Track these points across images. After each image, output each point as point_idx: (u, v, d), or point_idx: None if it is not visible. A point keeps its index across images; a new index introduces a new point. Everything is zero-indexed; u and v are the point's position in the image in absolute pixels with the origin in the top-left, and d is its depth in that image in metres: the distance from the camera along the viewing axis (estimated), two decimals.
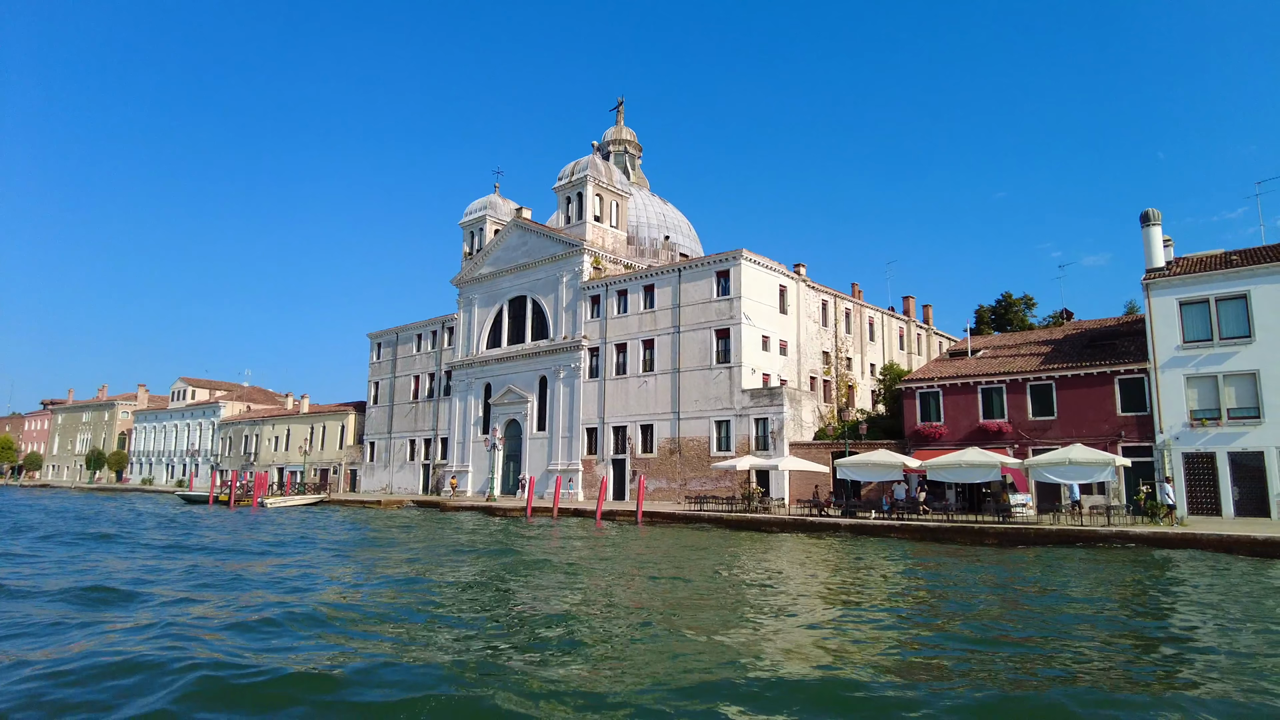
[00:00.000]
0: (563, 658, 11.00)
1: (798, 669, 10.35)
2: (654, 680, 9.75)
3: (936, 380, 37.95)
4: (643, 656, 11.11)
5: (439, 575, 19.47)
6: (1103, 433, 33.49)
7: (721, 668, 10.32)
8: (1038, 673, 10.29)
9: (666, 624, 13.33)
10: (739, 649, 11.45)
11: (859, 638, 12.51)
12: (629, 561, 22.93)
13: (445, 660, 10.61)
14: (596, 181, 55.21)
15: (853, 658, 11.07)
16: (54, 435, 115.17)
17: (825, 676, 9.97)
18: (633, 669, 10.36)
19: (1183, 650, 11.74)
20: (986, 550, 25.08)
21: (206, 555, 23.87)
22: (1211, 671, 10.47)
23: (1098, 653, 11.43)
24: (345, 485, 72.27)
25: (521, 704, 8.63)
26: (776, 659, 10.93)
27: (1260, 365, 30.54)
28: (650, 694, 9.09)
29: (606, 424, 50.79)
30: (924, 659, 11.18)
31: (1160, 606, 15.55)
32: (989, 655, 11.22)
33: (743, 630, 12.97)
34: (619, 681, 9.70)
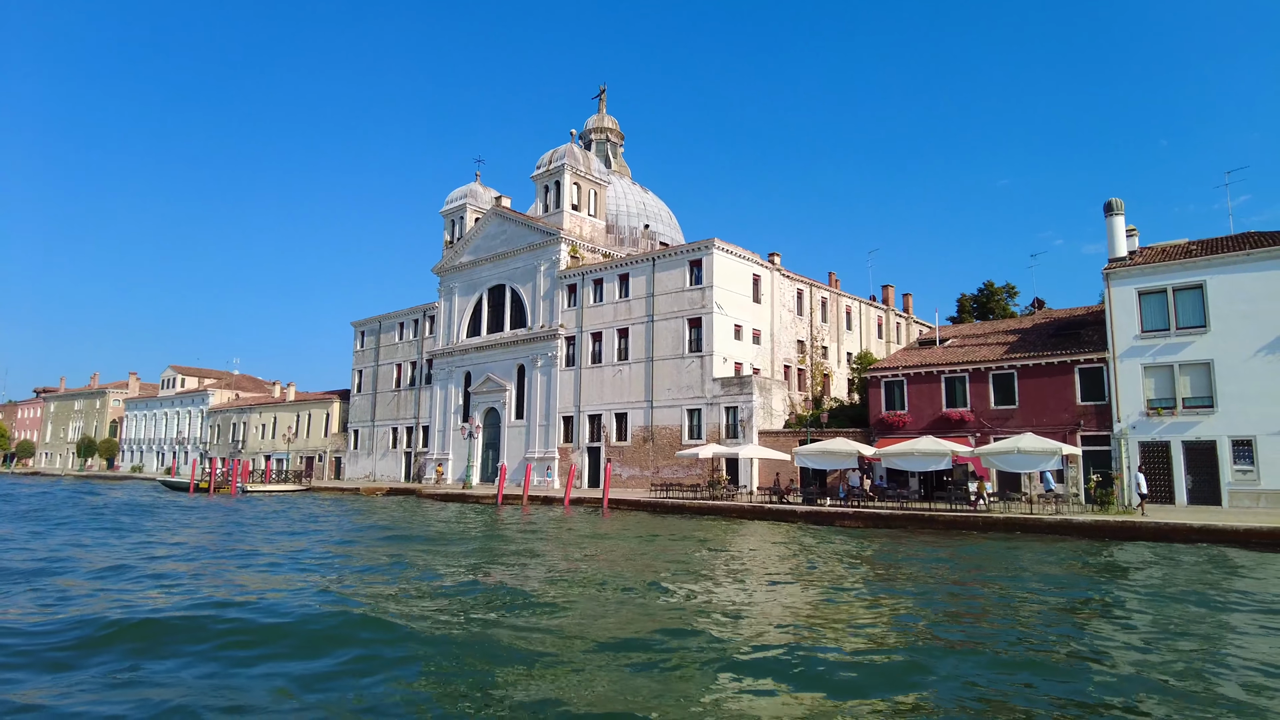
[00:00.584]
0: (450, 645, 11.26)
1: (681, 642, 10.62)
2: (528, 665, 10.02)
3: (901, 369, 38.14)
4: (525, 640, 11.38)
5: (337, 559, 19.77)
6: (1063, 422, 33.70)
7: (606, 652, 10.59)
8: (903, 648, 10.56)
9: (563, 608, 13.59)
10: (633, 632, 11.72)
11: (741, 614, 12.77)
12: (561, 544, 23.20)
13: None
14: (574, 170, 55.22)
15: (738, 632, 11.34)
16: (46, 423, 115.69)
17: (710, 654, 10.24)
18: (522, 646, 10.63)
19: (1053, 632, 12.00)
20: (933, 536, 25.32)
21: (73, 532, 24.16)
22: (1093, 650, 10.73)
23: (974, 627, 11.69)
24: (330, 473, 72.71)
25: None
26: (664, 635, 11.20)
27: (1214, 355, 30.70)
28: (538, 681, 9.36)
29: (582, 412, 51.06)
30: (805, 634, 11.44)
31: (1053, 590, 15.77)
32: (867, 629, 11.49)
33: (641, 610, 13.23)
34: (509, 656, 9.97)
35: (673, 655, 10.30)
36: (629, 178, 67.76)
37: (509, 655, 10.33)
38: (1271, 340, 29.74)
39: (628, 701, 8.39)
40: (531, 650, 10.54)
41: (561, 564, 19.55)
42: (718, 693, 8.87)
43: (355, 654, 10.30)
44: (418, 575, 17.52)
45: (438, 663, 10.00)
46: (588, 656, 10.30)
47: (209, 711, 7.91)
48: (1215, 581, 16.96)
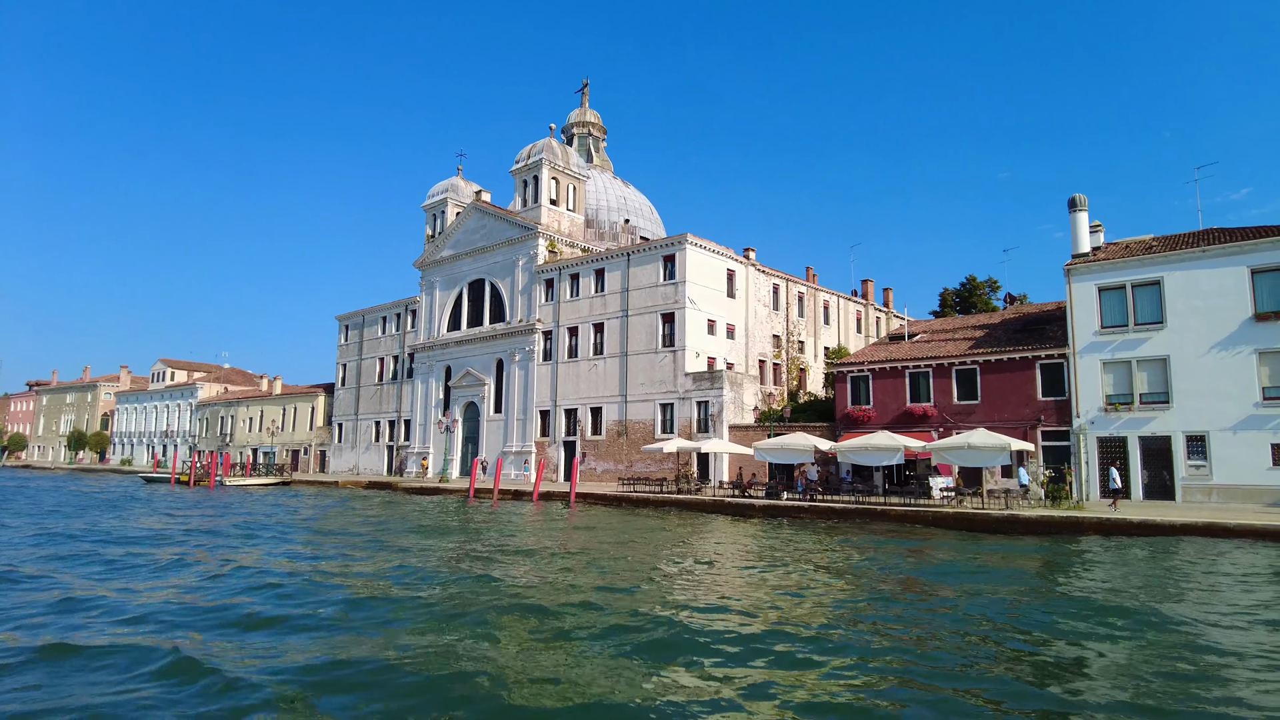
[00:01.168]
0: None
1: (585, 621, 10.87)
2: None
3: (867, 365, 38.32)
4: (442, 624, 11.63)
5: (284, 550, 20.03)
6: (1023, 417, 33.90)
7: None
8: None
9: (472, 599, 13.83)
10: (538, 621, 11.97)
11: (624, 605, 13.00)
12: (503, 534, 23.44)
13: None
14: (552, 165, 55.31)
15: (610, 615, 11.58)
16: (39, 416, 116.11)
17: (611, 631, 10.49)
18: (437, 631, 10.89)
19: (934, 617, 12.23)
20: (883, 529, 25.54)
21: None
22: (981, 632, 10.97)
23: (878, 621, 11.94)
24: (315, 466, 73.03)
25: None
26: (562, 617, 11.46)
27: (1171, 351, 30.88)
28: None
29: (559, 406, 51.30)
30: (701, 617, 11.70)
31: (975, 582, 16.00)
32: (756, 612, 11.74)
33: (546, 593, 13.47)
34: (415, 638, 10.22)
35: (567, 644, 10.55)
36: (611, 172, 67.82)
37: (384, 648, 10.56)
38: (1225, 337, 29.91)
39: (518, 692, 8.62)
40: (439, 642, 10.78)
41: (499, 557, 19.81)
42: (607, 680, 9.11)
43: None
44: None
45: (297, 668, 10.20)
46: (488, 647, 10.55)
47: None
48: (1119, 573, 17.21)
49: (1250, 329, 29.50)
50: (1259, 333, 29.32)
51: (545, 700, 8.45)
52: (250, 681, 8.92)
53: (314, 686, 8.92)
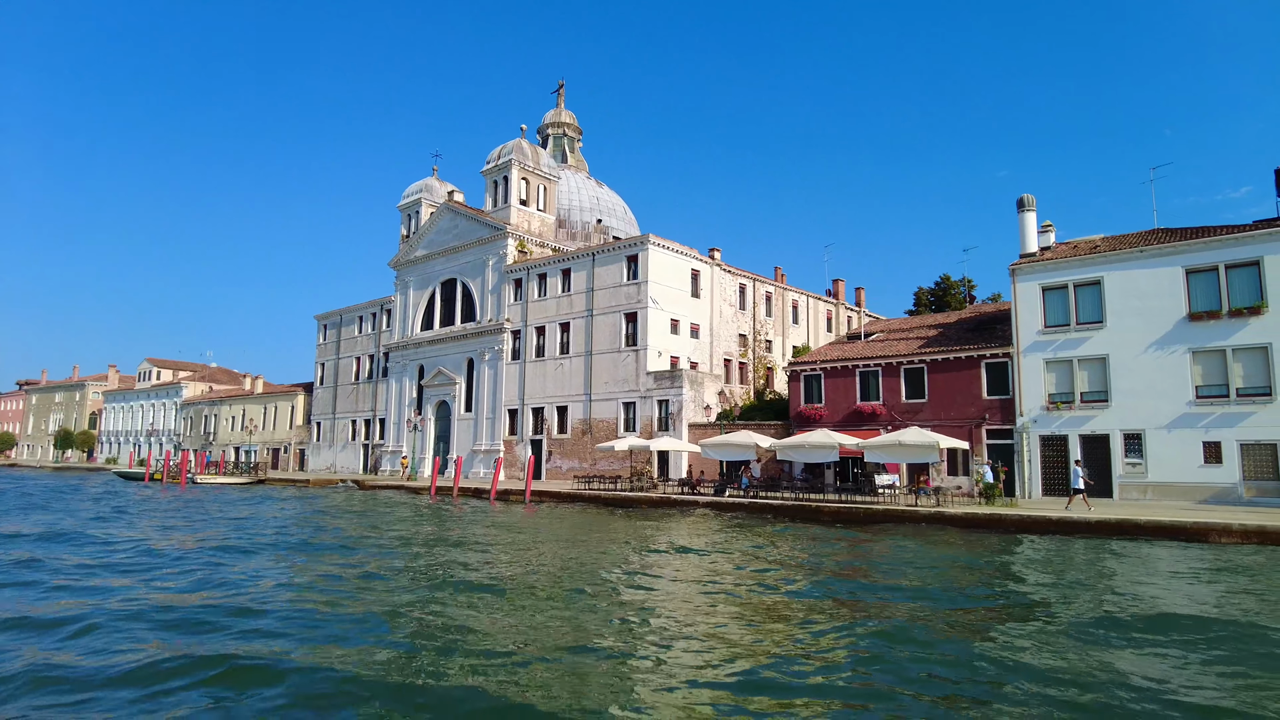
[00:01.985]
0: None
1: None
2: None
3: (819, 364, 38.66)
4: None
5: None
6: (969, 415, 34.24)
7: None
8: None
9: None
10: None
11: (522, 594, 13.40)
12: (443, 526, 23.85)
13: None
14: (522, 165, 55.68)
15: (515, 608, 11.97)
16: (29, 415, 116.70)
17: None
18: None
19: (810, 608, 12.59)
20: (817, 526, 25.88)
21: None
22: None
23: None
24: (295, 464, 73.47)
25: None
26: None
27: (1110, 350, 31.20)
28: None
29: (526, 405, 51.68)
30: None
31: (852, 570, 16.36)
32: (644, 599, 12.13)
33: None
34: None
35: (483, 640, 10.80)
36: (586, 172, 68.20)
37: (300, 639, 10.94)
38: (1160, 336, 30.23)
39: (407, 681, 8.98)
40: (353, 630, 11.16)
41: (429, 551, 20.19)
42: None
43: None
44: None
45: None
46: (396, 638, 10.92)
47: None
48: (1003, 564, 17.55)
49: (1185, 329, 29.81)
50: (1193, 332, 29.63)
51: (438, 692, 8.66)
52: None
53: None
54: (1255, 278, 28.76)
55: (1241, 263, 29.07)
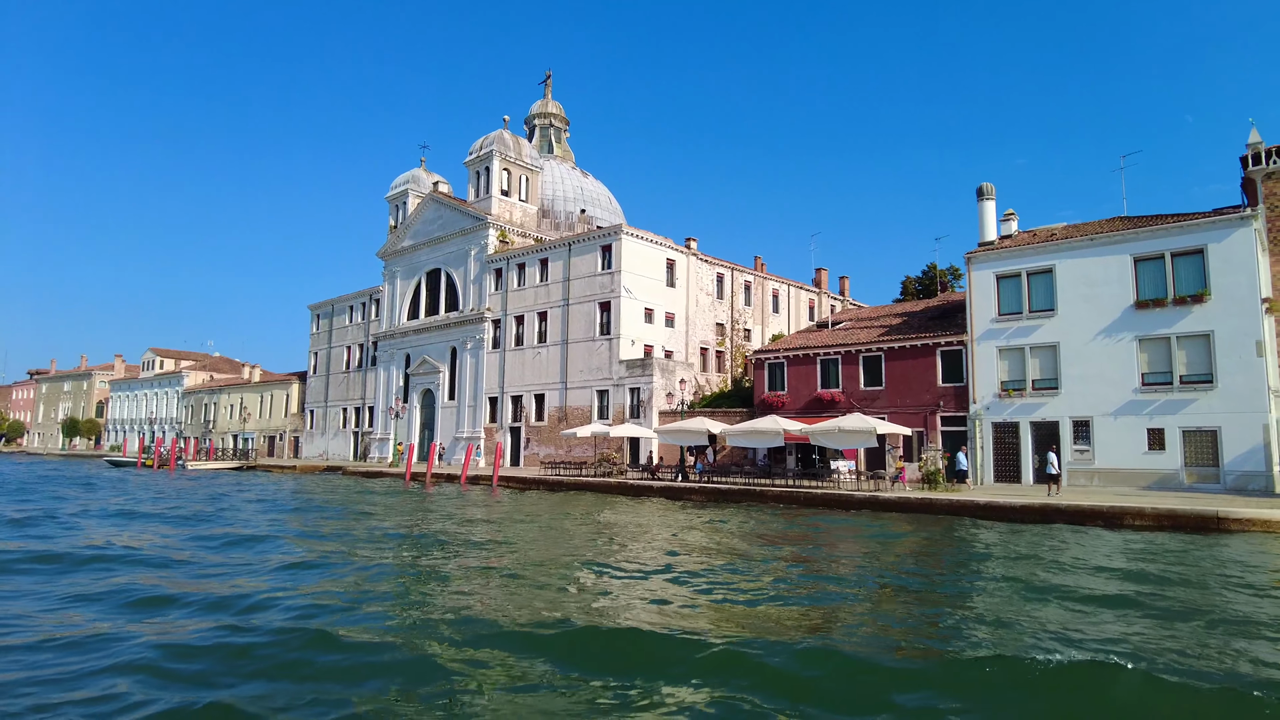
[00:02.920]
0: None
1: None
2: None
3: (782, 352, 39.08)
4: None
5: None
6: (924, 402, 34.58)
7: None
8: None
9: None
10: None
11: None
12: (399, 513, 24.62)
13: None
14: (503, 156, 56.22)
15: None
16: (39, 404, 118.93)
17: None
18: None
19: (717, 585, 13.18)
20: (760, 508, 26.42)
21: None
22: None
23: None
24: (290, 451, 74.69)
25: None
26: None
27: (1060, 338, 31.44)
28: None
29: (506, 393, 52.41)
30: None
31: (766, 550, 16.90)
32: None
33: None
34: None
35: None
36: (572, 163, 68.62)
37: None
38: (1109, 324, 30.44)
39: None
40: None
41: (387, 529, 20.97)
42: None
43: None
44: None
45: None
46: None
47: None
48: (903, 548, 18.04)
49: (1132, 316, 30.01)
50: (1140, 320, 29.84)
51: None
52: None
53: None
54: (1200, 266, 28.92)
55: (1187, 251, 29.23)
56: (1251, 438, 27.32)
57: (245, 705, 7.22)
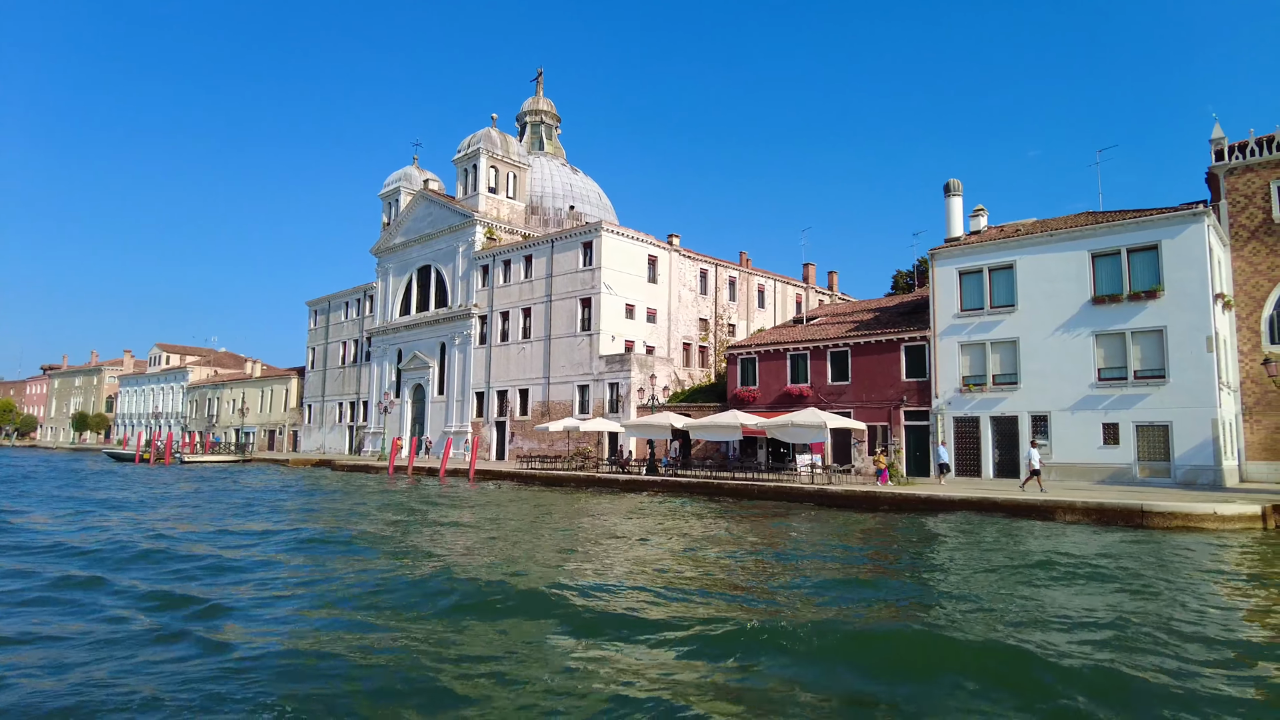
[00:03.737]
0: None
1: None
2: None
3: (754, 347, 39.54)
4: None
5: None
6: (888, 397, 34.97)
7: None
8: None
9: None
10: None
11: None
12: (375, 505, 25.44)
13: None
14: (490, 154, 56.89)
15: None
16: (51, 399, 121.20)
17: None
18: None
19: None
20: (714, 500, 27.03)
21: None
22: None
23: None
24: (289, 445, 75.97)
25: None
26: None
27: (1020, 333, 31.73)
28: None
29: (492, 388, 53.20)
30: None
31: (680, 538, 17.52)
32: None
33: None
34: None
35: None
36: (563, 159, 69.15)
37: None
38: (1066, 320, 30.71)
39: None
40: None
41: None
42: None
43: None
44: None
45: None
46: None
47: None
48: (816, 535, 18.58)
49: (1089, 311, 30.26)
50: (1097, 315, 30.09)
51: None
52: None
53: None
54: (1154, 262, 29.13)
55: (1142, 247, 29.44)
56: (1201, 432, 27.57)
57: None
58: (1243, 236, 32.07)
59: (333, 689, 7.60)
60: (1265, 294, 31.51)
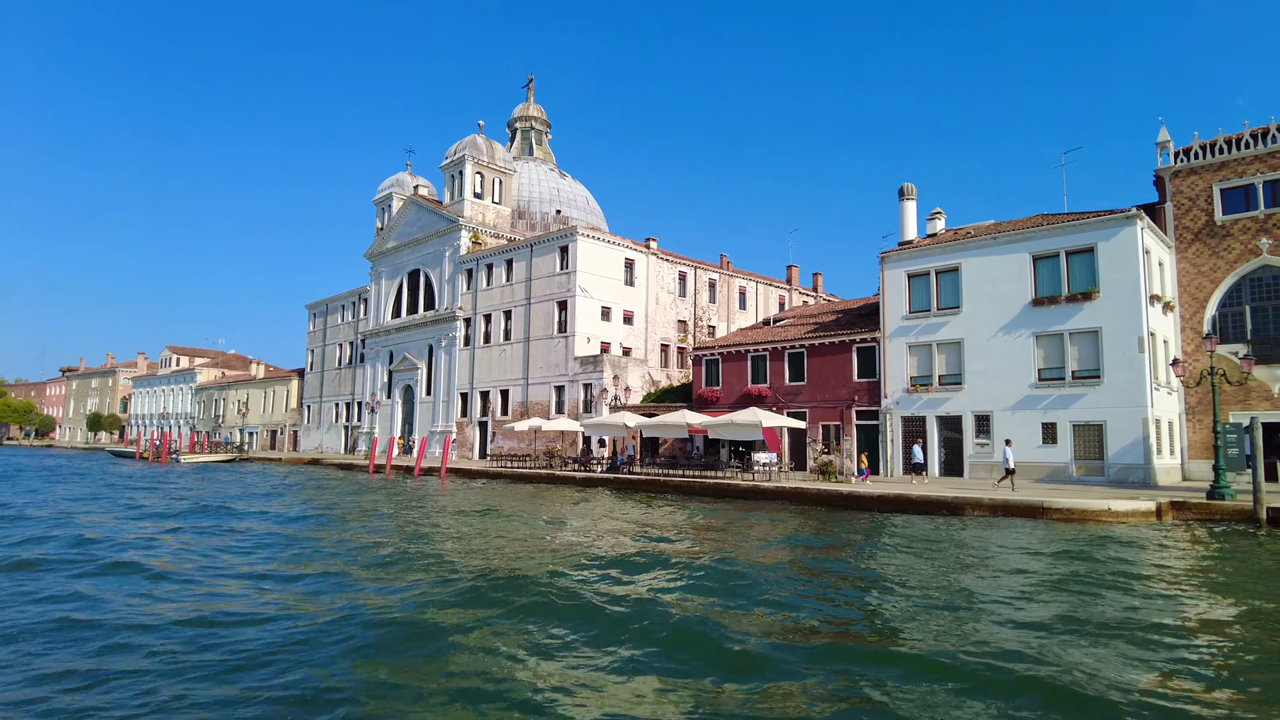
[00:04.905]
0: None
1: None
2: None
3: (717, 348, 40.44)
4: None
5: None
6: (840, 397, 35.74)
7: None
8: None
9: None
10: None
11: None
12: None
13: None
14: (476, 160, 58.20)
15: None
16: (69, 400, 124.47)
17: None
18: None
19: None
20: (657, 495, 28.03)
21: None
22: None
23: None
24: (290, 445, 77.83)
25: None
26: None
27: (965, 334, 32.40)
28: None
29: (475, 389, 54.47)
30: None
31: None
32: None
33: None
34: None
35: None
36: (552, 164, 70.38)
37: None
38: (1008, 321, 31.34)
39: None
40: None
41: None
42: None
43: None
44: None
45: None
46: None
47: None
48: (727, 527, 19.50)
49: (1030, 313, 30.88)
50: (1037, 316, 30.70)
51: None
52: None
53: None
54: (1091, 264, 29.71)
55: (1080, 249, 30.03)
56: (1132, 431, 28.13)
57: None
58: (1186, 238, 32.51)
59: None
60: (1208, 295, 31.94)
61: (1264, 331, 30.71)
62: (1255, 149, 31.20)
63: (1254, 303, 31.09)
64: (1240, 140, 31.79)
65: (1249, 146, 31.44)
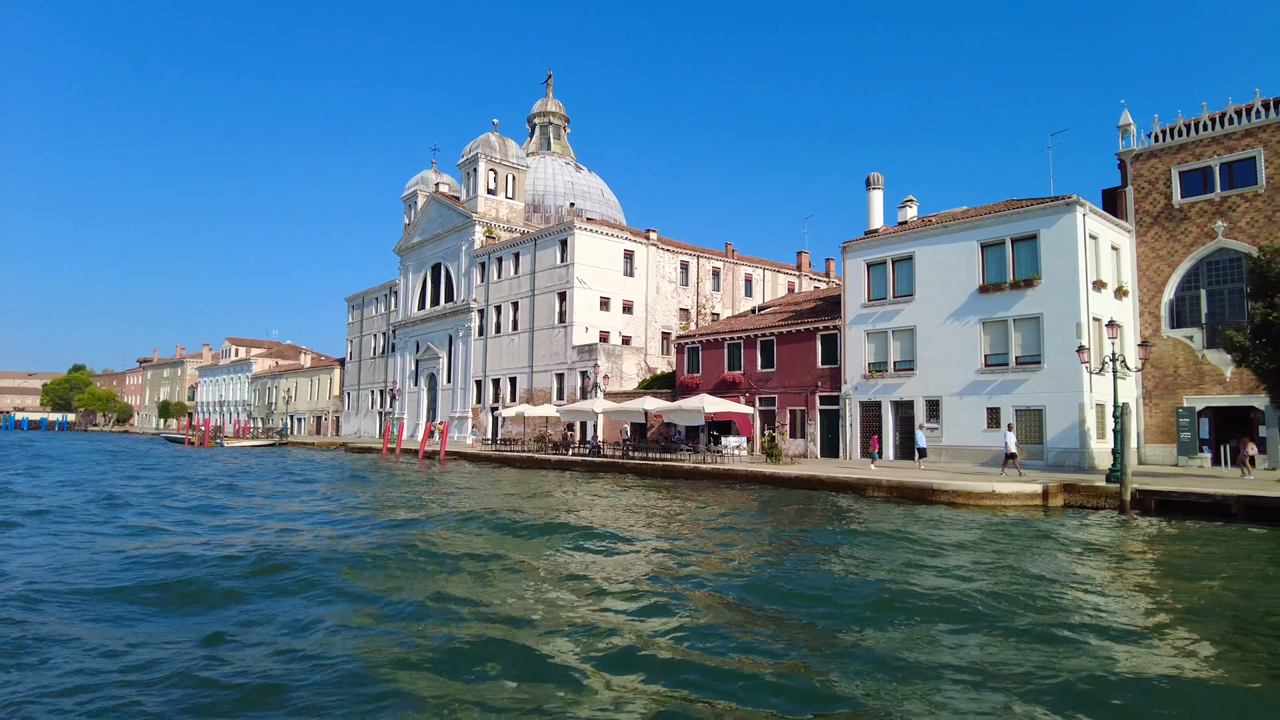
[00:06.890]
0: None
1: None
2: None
3: (698, 337, 42.02)
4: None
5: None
6: (805, 383, 36.98)
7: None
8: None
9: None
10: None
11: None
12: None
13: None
14: (489, 157, 60.74)
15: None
16: (145, 389, 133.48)
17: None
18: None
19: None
20: (621, 476, 30.07)
21: None
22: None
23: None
24: (332, 430, 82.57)
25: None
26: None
27: (917, 321, 33.26)
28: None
29: (488, 377, 57.31)
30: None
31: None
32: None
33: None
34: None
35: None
36: (571, 158, 72.48)
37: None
38: (957, 308, 32.08)
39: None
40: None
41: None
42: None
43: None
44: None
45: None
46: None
47: None
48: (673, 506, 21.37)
49: (977, 300, 31.56)
50: (984, 303, 31.37)
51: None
52: None
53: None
54: (1034, 251, 30.21)
55: (1024, 236, 30.55)
56: (1069, 416, 28.72)
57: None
58: (1146, 222, 32.57)
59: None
60: (1165, 279, 32.00)
61: (1219, 315, 30.70)
62: (1212, 131, 31.08)
63: (1209, 286, 31.09)
64: (1199, 124, 31.66)
65: (1207, 129, 31.32)
